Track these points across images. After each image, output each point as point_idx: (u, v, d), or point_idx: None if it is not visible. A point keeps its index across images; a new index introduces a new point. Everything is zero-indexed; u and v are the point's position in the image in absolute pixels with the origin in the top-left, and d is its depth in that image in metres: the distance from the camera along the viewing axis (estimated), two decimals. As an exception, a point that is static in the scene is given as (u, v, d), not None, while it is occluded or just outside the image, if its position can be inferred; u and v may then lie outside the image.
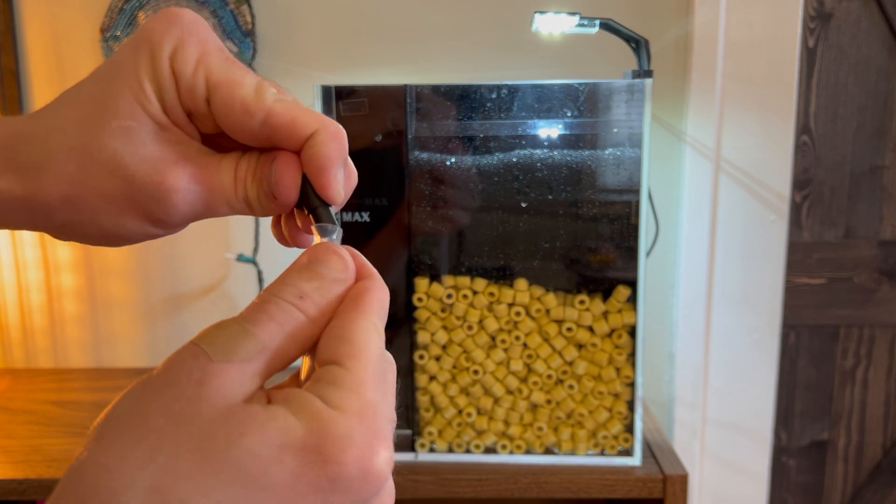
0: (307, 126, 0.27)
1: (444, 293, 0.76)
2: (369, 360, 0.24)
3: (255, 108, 0.27)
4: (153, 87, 0.27)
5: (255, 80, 0.28)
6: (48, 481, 0.78)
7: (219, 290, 1.12)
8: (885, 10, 1.07)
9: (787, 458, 1.21)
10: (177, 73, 0.27)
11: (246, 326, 0.24)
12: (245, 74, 0.28)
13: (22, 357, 1.14)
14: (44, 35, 1.07)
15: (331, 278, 0.26)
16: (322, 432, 0.22)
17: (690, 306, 1.08)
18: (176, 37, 0.27)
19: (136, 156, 0.27)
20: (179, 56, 0.27)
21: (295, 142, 0.28)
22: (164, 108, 0.28)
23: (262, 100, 0.27)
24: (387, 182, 0.74)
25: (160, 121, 0.28)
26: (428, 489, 0.77)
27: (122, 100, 0.27)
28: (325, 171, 0.28)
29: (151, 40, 0.27)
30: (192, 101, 0.27)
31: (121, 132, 0.27)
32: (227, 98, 0.27)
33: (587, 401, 0.78)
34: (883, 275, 1.15)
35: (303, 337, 0.25)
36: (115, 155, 0.27)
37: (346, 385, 0.23)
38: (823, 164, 1.12)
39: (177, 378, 0.22)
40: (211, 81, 0.27)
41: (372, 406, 0.23)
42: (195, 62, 0.27)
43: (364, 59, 1.05)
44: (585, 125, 0.72)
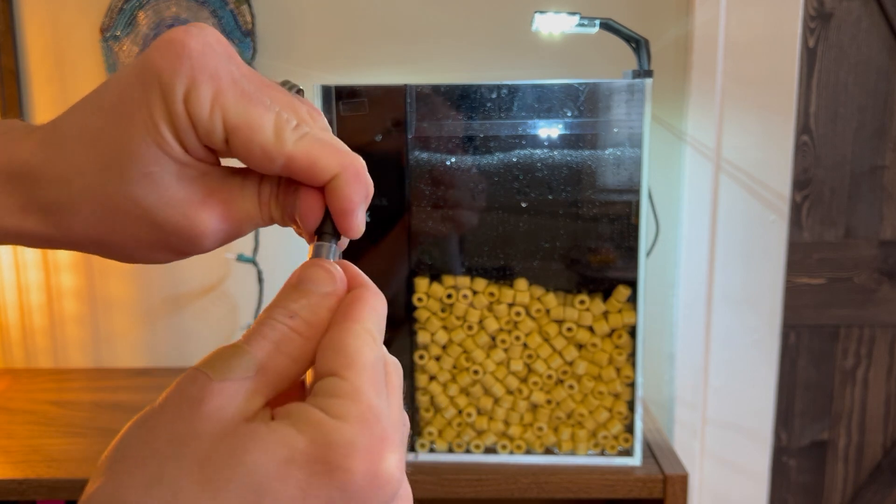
0: (327, 170, 0.27)
1: (445, 293, 0.76)
2: (364, 366, 0.24)
3: (274, 154, 0.27)
4: (171, 130, 0.26)
5: (274, 120, 0.27)
6: (48, 481, 0.78)
7: (219, 290, 1.12)
8: (885, 10, 1.07)
9: (788, 458, 1.21)
10: (193, 116, 0.26)
11: (243, 347, 0.24)
12: (264, 113, 0.27)
13: (22, 357, 1.14)
14: (44, 35, 1.07)
15: (319, 294, 0.26)
16: (325, 441, 0.22)
17: (690, 306, 1.08)
18: (187, 75, 0.26)
19: (162, 201, 0.27)
20: (193, 98, 0.26)
21: (316, 183, 0.28)
22: (184, 147, 0.27)
23: (281, 144, 0.27)
24: (387, 182, 0.74)
25: (182, 160, 0.27)
26: (428, 489, 0.77)
27: (141, 145, 0.26)
28: (348, 215, 0.28)
29: (161, 79, 0.26)
30: (210, 142, 0.27)
31: (144, 179, 0.26)
32: (245, 142, 0.26)
33: (587, 401, 0.78)
34: (883, 275, 1.15)
35: (299, 354, 0.25)
36: (141, 202, 0.27)
37: (344, 394, 0.23)
38: (823, 164, 1.12)
39: (178, 401, 0.23)
40: (228, 125, 0.26)
41: (373, 411, 0.23)
42: (210, 103, 0.26)
43: (364, 59, 1.05)
44: (585, 125, 0.72)
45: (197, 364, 0.24)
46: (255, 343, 0.24)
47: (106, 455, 0.23)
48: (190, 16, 1.02)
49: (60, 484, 0.78)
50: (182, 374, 0.24)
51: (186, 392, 0.23)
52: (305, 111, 0.28)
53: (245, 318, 1.12)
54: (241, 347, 0.24)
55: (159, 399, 0.23)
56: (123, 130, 0.26)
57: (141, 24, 1.03)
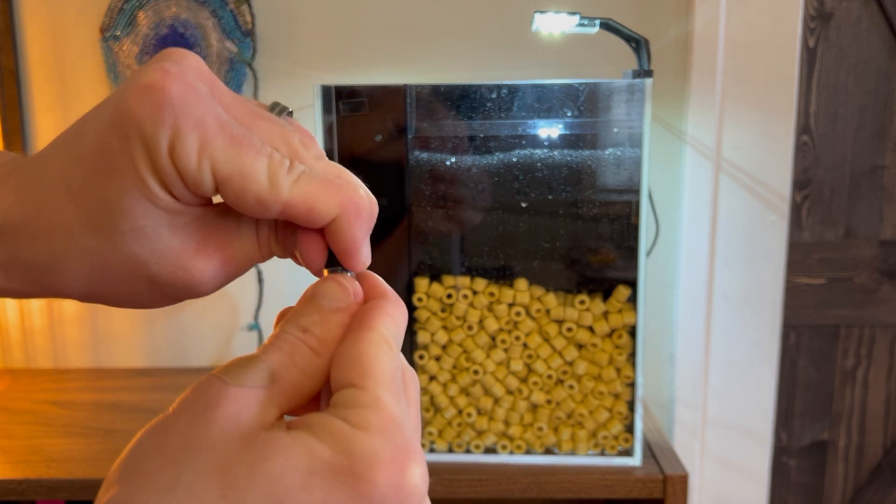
0: (326, 213, 0.26)
1: (445, 293, 0.76)
2: (382, 374, 0.24)
3: (270, 202, 0.25)
4: (158, 182, 0.25)
5: (267, 165, 0.25)
6: (48, 481, 0.78)
7: (219, 290, 1.12)
8: (886, 10, 1.07)
9: (788, 458, 1.21)
10: (180, 169, 0.24)
11: (260, 357, 0.24)
12: (256, 158, 0.25)
13: (21, 357, 1.14)
14: (44, 35, 1.07)
15: (330, 309, 0.26)
16: (349, 451, 0.21)
17: (690, 306, 1.08)
18: (170, 126, 0.24)
19: (156, 255, 0.26)
20: (179, 149, 0.24)
21: (315, 227, 0.27)
22: (174, 197, 0.25)
23: (277, 191, 0.25)
24: (387, 182, 0.74)
25: (172, 209, 0.25)
26: (428, 489, 0.77)
27: (129, 200, 0.25)
28: (352, 255, 0.27)
29: (142, 131, 0.24)
30: (199, 192, 0.25)
31: (135, 234, 0.25)
32: (238, 193, 0.25)
33: (587, 401, 0.78)
34: (883, 275, 1.15)
35: (312, 370, 0.25)
36: (133, 257, 0.25)
37: (364, 403, 0.23)
38: (824, 164, 1.12)
39: (193, 407, 0.22)
40: (219, 176, 0.24)
41: (395, 421, 0.23)
42: (198, 154, 0.24)
43: (364, 59, 1.05)
44: (585, 125, 0.72)
45: (213, 371, 0.24)
46: (271, 353, 0.24)
47: (118, 463, 0.22)
48: (190, 16, 1.02)
49: (60, 484, 0.78)
50: (196, 380, 0.23)
51: (202, 396, 0.22)
52: (298, 140, 0.26)
53: (245, 318, 1.12)
54: (256, 356, 0.24)
55: (174, 405, 0.23)
56: (108, 185, 0.25)
57: (141, 24, 1.03)
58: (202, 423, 0.22)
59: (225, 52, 1.03)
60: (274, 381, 0.23)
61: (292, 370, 0.24)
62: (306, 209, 0.25)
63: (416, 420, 0.26)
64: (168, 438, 0.22)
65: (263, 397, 0.23)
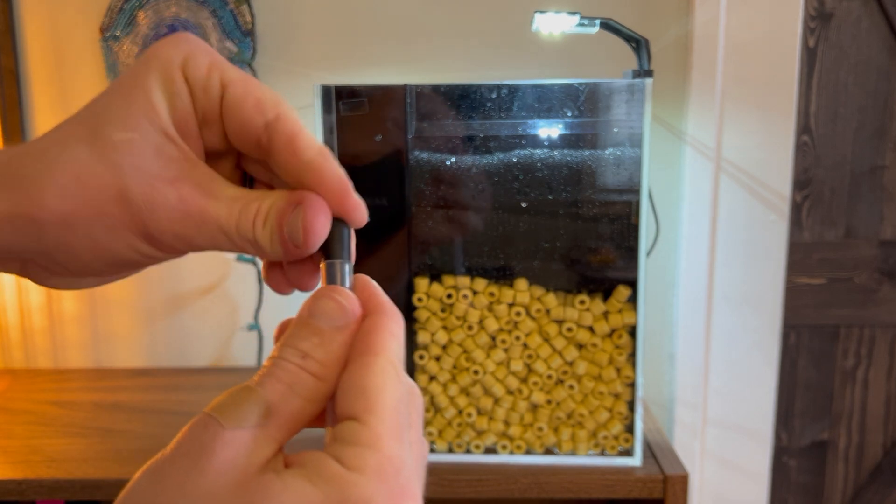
0: (307, 146, 0.27)
1: (445, 293, 0.76)
2: (386, 408, 0.23)
3: (267, 106, 0.27)
4: (164, 95, 0.27)
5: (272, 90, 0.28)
6: (47, 481, 0.78)
7: (219, 290, 1.12)
8: (886, 10, 1.07)
9: (788, 458, 1.21)
10: (189, 79, 0.27)
11: (257, 391, 0.24)
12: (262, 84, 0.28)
13: (21, 357, 1.14)
14: (44, 35, 1.06)
15: (331, 329, 0.25)
16: (341, 498, 0.21)
17: (691, 306, 1.08)
18: (185, 50, 0.27)
19: (134, 168, 0.26)
20: (191, 64, 0.27)
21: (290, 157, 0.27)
22: (174, 116, 0.27)
23: (276, 102, 0.27)
24: (387, 182, 0.74)
25: (167, 132, 0.27)
26: (428, 489, 0.77)
27: (126, 112, 0.26)
28: (346, 195, 0.27)
29: (160, 55, 0.27)
30: (206, 99, 0.27)
31: (122, 145, 0.26)
32: (241, 92, 0.27)
33: (587, 401, 0.78)
34: (883, 275, 1.15)
35: (315, 395, 0.24)
36: (114, 167, 0.26)
37: (364, 442, 0.23)
38: (824, 164, 1.12)
39: (189, 450, 0.22)
40: (226, 78, 0.27)
41: (393, 462, 0.23)
42: (207, 66, 0.27)
43: (364, 59, 1.05)
44: (585, 125, 0.72)
45: (209, 408, 0.23)
46: (269, 385, 0.24)
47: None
48: (190, 16, 1.02)
49: (60, 484, 0.78)
50: (194, 418, 0.23)
51: (197, 441, 0.22)
52: None
53: (245, 318, 1.12)
54: (253, 391, 0.24)
55: (171, 445, 0.23)
56: (111, 102, 0.27)
57: (141, 23, 1.03)
58: (197, 469, 0.22)
59: (225, 52, 1.03)
60: (272, 415, 0.23)
61: (293, 400, 0.24)
62: (293, 130, 0.27)
63: (418, 444, 0.25)
64: (164, 484, 0.22)
65: (260, 436, 0.23)
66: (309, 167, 0.27)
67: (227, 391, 0.24)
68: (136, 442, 0.86)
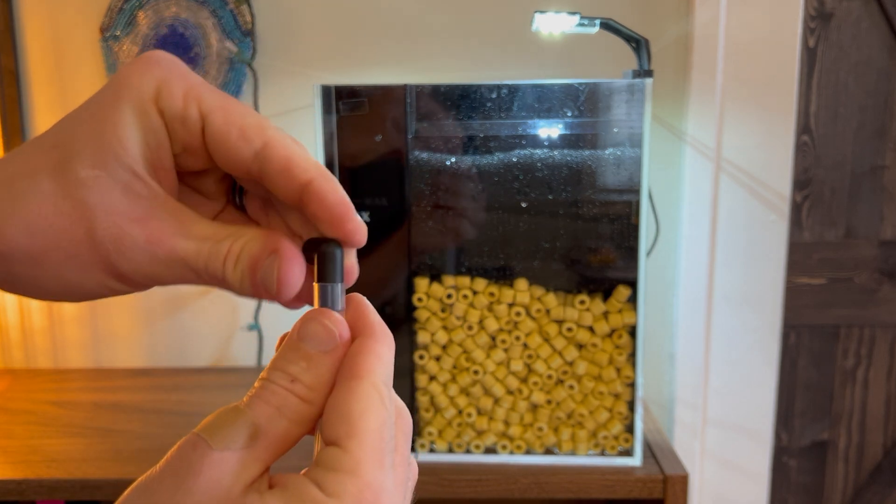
0: (304, 170, 0.26)
1: (445, 293, 0.76)
2: (367, 433, 0.24)
3: (253, 134, 0.26)
4: (136, 131, 0.26)
5: (249, 112, 0.26)
6: (47, 481, 0.78)
7: (219, 290, 1.12)
8: (886, 10, 1.07)
9: (788, 458, 1.21)
10: (164, 112, 0.26)
11: (245, 413, 0.24)
12: (243, 104, 0.27)
13: (21, 357, 1.14)
14: (44, 35, 1.06)
15: (318, 353, 0.25)
16: None
17: (691, 306, 1.08)
18: (157, 78, 0.26)
19: (101, 206, 0.25)
20: (165, 94, 0.26)
21: (286, 182, 0.26)
22: (146, 153, 0.26)
23: (262, 127, 0.26)
24: (387, 182, 0.74)
25: (135, 170, 0.26)
26: (428, 489, 0.77)
27: (94, 148, 0.26)
28: (346, 217, 0.26)
29: (131, 84, 0.26)
30: (185, 132, 0.26)
31: (89, 181, 0.25)
32: (224, 122, 0.26)
33: (587, 401, 0.78)
34: (883, 275, 1.15)
35: (302, 418, 0.25)
36: (81, 204, 0.25)
37: (344, 467, 0.23)
38: (824, 164, 1.12)
39: (176, 470, 0.23)
40: (204, 107, 0.26)
41: (371, 489, 0.23)
42: (183, 96, 0.26)
43: (364, 59, 1.05)
44: (585, 125, 0.72)
45: (198, 428, 0.24)
46: (257, 407, 0.24)
47: None
48: (190, 16, 1.02)
49: (60, 484, 0.78)
50: (184, 437, 0.23)
51: (186, 460, 0.23)
52: None
53: (245, 318, 1.12)
54: (242, 413, 0.24)
55: (160, 463, 0.23)
56: (78, 135, 0.26)
57: (141, 23, 1.03)
58: (184, 489, 0.22)
59: (225, 52, 1.03)
60: (259, 437, 0.24)
61: (280, 422, 0.24)
62: (286, 155, 0.26)
63: (403, 467, 0.25)
64: (152, 501, 0.22)
65: (246, 458, 0.23)
66: (307, 191, 0.26)
67: (217, 411, 0.24)
68: (136, 442, 0.86)
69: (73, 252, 0.26)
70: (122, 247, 0.26)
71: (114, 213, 0.26)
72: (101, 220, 0.26)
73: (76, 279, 0.26)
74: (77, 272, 0.26)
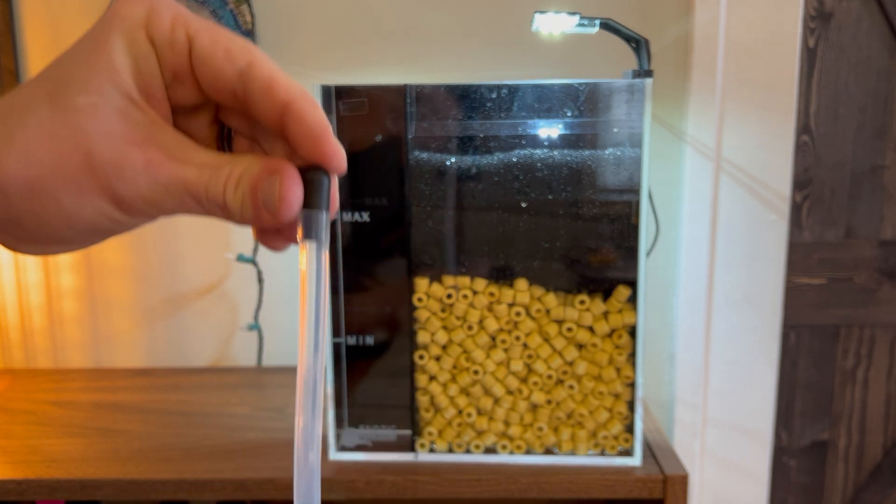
0: (285, 90, 0.27)
1: (445, 293, 0.76)
2: None
3: (238, 54, 0.27)
4: (127, 57, 0.26)
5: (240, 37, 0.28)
6: (47, 481, 0.78)
7: (219, 290, 1.12)
8: (886, 10, 1.07)
9: (788, 458, 1.21)
10: (153, 37, 0.27)
11: None
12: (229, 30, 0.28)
13: (21, 357, 1.14)
14: (44, 35, 1.06)
15: None
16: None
17: (691, 306, 1.08)
18: (146, 6, 0.27)
19: (98, 131, 0.26)
20: (154, 20, 0.26)
21: (268, 102, 0.27)
22: (138, 79, 0.27)
23: (247, 49, 0.27)
24: (387, 182, 0.74)
25: (131, 95, 0.27)
26: (428, 489, 0.77)
27: (88, 76, 0.26)
28: (323, 137, 0.27)
29: (121, 14, 0.27)
30: (173, 56, 0.27)
31: (86, 108, 0.26)
32: (210, 42, 0.27)
33: (587, 401, 0.78)
34: (883, 275, 1.15)
35: None
36: (78, 130, 0.26)
37: None
38: (824, 164, 1.12)
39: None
40: (191, 30, 0.27)
41: None
42: (171, 20, 0.27)
43: (364, 59, 1.05)
44: (585, 125, 0.72)
45: None
46: None
47: None
48: (190, 16, 1.02)
49: (60, 484, 0.78)
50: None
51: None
52: None
53: (245, 318, 1.12)
54: None
55: None
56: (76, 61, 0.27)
57: (141, 24, 1.03)
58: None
59: (225, 52, 1.03)
60: None
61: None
62: (268, 76, 0.27)
63: None
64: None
65: None
66: (288, 111, 0.27)
67: None
68: (136, 442, 0.86)
69: (72, 177, 0.26)
70: (120, 170, 0.26)
71: (111, 137, 0.26)
72: (99, 144, 0.26)
73: (75, 207, 0.26)
74: (76, 198, 0.26)
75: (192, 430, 0.88)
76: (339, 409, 0.79)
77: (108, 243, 1.10)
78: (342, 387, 0.78)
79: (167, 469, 0.79)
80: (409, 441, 0.80)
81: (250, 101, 0.27)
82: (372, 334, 0.77)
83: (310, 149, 0.27)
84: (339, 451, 0.80)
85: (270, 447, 0.84)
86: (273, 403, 0.96)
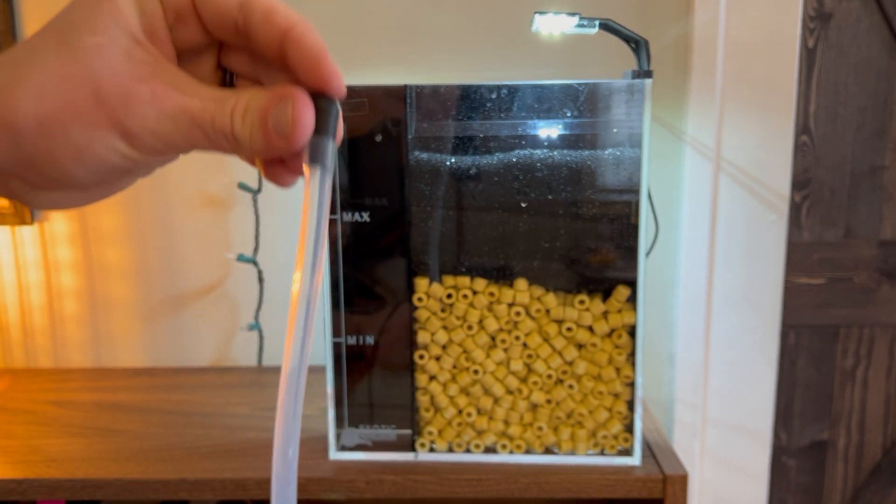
0: (284, 17, 0.27)
1: (445, 293, 0.76)
2: None
3: None
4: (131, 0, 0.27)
5: None
6: (48, 481, 0.78)
7: (219, 290, 1.12)
8: (885, 10, 1.07)
9: (787, 458, 1.21)
10: None
11: None
12: None
13: (22, 357, 1.14)
14: (44, 35, 1.06)
15: None
16: None
17: (690, 306, 1.08)
18: None
19: (106, 69, 0.27)
20: None
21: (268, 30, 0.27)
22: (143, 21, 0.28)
23: None
24: (387, 182, 0.74)
25: (136, 36, 0.27)
26: (428, 489, 0.77)
27: (93, 18, 0.27)
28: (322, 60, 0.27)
29: None
30: None
31: (92, 49, 0.27)
32: None
33: (587, 401, 0.78)
34: (883, 275, 1.15)
35: None
36: (86, 68, 0.27)
37: None
38: (823, 164, 1.12)
39: None
40: None
41: None
42: None
43: (364, 59, 1.05)
44: (585, 125, 0.72)
45: None
46: None
47: None
48: (190, 16, 1.02)
49: (60, 484, 0.78)
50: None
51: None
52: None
53: (245, 318, 1.12)
54: None
55: None
56: (83, 8, 0.27)
57: None
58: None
59: (225, 52, 1.03)
60: None
61: None
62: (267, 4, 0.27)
63: None
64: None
65: None
66: (287, 39, 0.27)
67: None
68: (136, 442, 0.86)
69: (81, 111, 0.27)
70: (127, 102, 0.27)
71: (118, 74, 0.27)
72: (107, 79, 0.27)
73: (85, 142, 0.27)
74: (86, 133, 0.27)
75: (193, 430, 0.89)
76: (339, 409, 0.79)
77: (108, 243, 1.10)
78: (342, 386, 0.79)
79: (167, 469, 0.79)
80: (409, 441, 0.80)
81: (251, 33, 0.28)
82: (372, 334, 0.77)
83: (309, 71, 0.28)
84: (340, 451, 0.80)
85: (270, 447, 0.84)
86: (273, 403, 0.96)
